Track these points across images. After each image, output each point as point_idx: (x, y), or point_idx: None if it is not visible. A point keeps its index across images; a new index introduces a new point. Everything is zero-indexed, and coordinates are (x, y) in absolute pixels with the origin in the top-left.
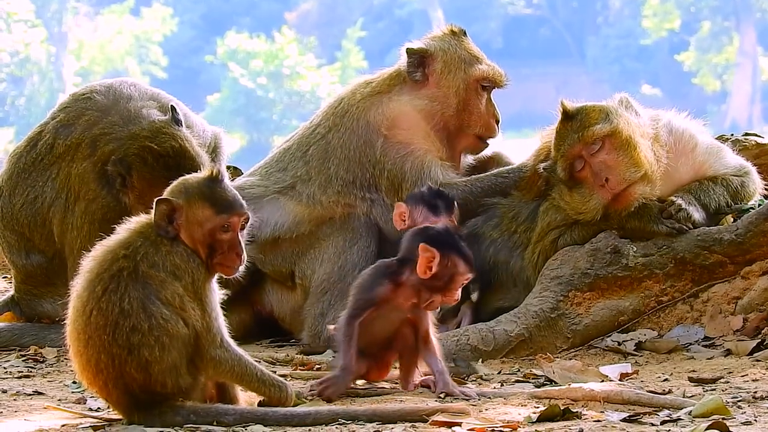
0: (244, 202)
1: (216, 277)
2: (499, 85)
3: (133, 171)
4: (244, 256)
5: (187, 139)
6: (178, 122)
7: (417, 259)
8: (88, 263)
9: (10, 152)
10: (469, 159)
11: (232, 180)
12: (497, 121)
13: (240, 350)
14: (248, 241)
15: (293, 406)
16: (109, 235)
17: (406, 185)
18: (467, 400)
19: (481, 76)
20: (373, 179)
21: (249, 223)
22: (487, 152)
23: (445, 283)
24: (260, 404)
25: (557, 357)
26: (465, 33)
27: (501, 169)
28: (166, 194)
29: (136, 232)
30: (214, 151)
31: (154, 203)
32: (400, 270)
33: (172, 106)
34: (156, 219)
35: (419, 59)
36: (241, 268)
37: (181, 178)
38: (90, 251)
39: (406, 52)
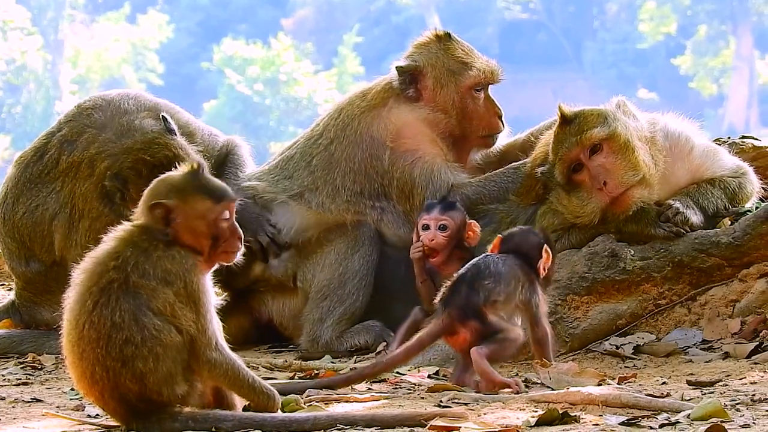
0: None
1: (211, 276)
2: (494, 83)
3: (129, 184)
4: (243, 237)
5: (181, 147)
6: (171, 131)
7: (537, 257)
8: (78, 275)
9: (16, 158)
10: (476, 158)
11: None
12: (500, 117)
13: (233, 355)
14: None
15: (291, 411)
16: None
17: (417, 191)
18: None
19: (474, 83)
20: (383, 189)
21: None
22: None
23: (545, 283)
24: (245, 409)
25: (555, 361)
26: (450, 36)
27: (511, 165)
28: (153, 198)
29: (124, 241)
30: (226, 158)
31: (147, 209)
32: None
33: (162, 115)
34: (153, 224)
35: (410, 77)
36: (241, 253)
37: (157, 180)
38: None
39: (396, 70)
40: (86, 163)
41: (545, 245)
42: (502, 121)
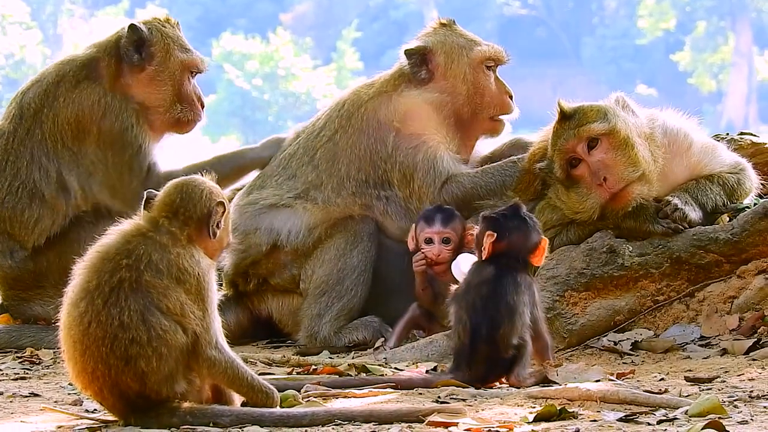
0: None
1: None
2: (502, 62)
3: (148, 27)
4: None
5: None
6: None
7: (534, 251)
8: (85, 272)
9: None
10: (482, 152)
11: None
12: (510, 97)
13: (233, 353)
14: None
15: (289, 406)
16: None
17: (418, 175)
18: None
19: (484, 57)
20: (386, 175)
21: None
22: (504, 139)
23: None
24: (244, 404)
25: (554, 359)
26: (454, 22)
27: (509, 158)
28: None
29: (137, 235)
30: None
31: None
32: None
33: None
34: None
35: (420, 57)
36: None
37: None
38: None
39: (406, 53)
40: (69, 79)
41: (543, 238)
42: (512, 102)
